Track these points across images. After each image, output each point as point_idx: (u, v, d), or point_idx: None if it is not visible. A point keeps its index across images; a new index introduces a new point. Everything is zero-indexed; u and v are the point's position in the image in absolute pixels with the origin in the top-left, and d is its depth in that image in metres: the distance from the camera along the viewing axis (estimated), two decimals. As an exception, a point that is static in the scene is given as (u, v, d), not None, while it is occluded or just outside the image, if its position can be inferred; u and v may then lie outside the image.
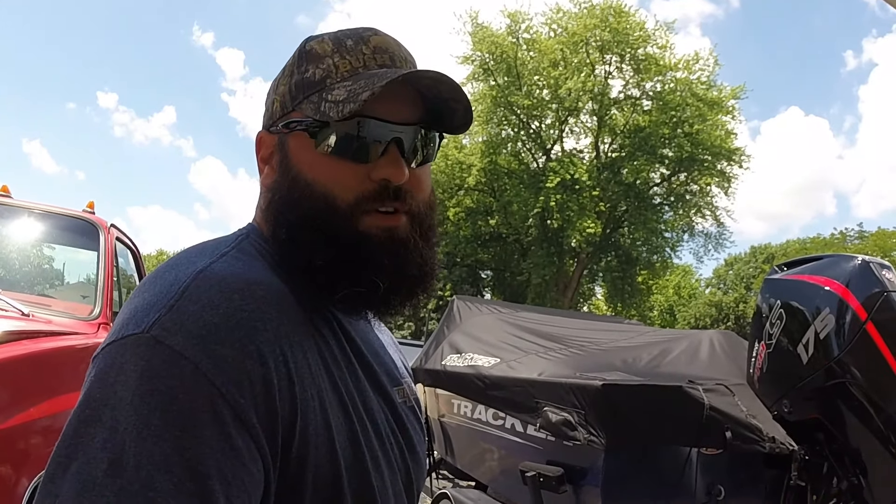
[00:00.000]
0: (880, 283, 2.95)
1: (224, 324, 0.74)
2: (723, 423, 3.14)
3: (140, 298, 0.79)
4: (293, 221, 0.89)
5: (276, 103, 0.96)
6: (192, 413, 0.68)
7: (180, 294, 0.76)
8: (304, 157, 0.90)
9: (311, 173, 0.89)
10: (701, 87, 27.19)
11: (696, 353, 4.13)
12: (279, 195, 0.91)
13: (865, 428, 2.97)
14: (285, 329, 0.79)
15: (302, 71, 0.93)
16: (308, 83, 0.91)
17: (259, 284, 0.81)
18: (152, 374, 0.69)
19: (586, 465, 3.67)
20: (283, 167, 0.92)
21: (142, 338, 0.72)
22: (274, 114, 0.96)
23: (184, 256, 0.86)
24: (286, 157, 0.92)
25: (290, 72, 0.95)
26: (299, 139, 0.91)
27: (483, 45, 27.96)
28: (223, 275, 0.80)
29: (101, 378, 0.71)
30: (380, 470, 0.87)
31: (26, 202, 4.17)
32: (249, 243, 0.91)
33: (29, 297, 3.67)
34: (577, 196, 26.09)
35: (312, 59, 0.92)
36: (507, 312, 5.74)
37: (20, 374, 2.48)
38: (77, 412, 0.70)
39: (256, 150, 0.97)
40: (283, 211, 0.90)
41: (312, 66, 0.92)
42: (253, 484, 0.71)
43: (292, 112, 0.92)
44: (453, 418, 5.01)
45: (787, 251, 44.30)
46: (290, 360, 0.78)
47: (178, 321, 0.73)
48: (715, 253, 30.72)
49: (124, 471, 0.64)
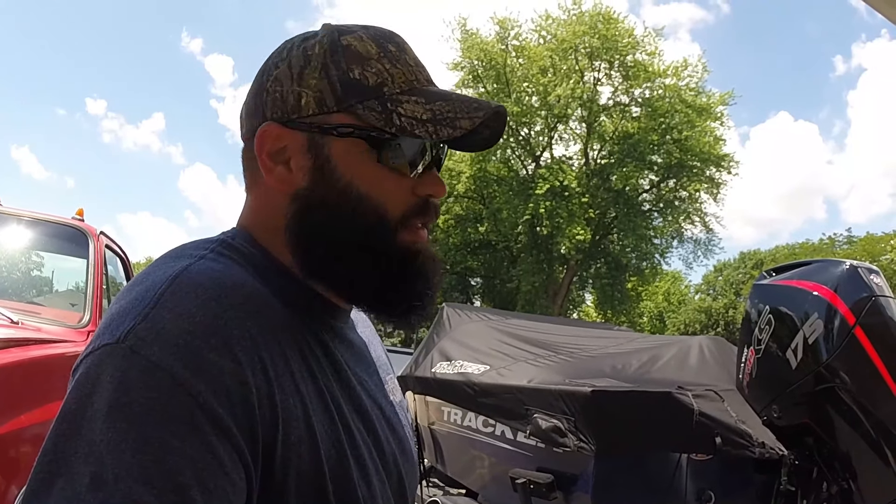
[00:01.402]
0: (868, 288, 2.96)
1: (201, 332, 0.72)
2: (713, 429, 3.15)
3: (117, 306, 0.77)
4: (340, 238, 0.86)
5: (303, 97, 0.86)
6: (170, 424, 0.67)
7: (156, 301, 0.74)
8: (358, 167, 0.86)
9: (365, 186, 0.86)
10: (690, 94, 27.31)
11: (686, 359, 4.14)
12: (320, 205, 0.86)
13: (855, 432, 2.98)
14: (265, 336, 0.77)
15: (343, 69, 0.86)
16: (360, 87, 0.85)
17: (238, 289, 0.79)
18: (128, 385, 0.68)
19: (576, 471, 3.67)
20: (326, 174, 0.86)
21: (117, 348, 0.70)
22: (300, 108, 0.87)
23: (161, 260, 0.84)
24: (329, 164, 0.86)
25: (321, 64, 0.87)
26: (351, 146, 0.85)
27: (472, 52, 28.04)
28: (199, 280, 0.77)
29: (78, 391, 0.70)
30: (367, 478, 0.85)
31: (15, 209, 4.15)
32: (230, 246, 0.88)
33: (18, 305, 3.66)
34: (566, 203, 26.14)
35: (355, 59, 0.86)
36: (496, 320, 5.74)
37: (9, 382, 2.47)
38: (56, 426, 0.69)
39: (260, 144, 0.88)
40: (325, 223, 0.86)
41: (358, 67, 0.86)
42: (235, 493, 0.70)
43: (337, 113, 0.86)
44: (443, 426, 5.00)
45: (776, 257, 44.45)
46: (270, 367, 0.76)
47: (154, 330, 0.71)
48: (704, 259, 30.97)
49: (105, 484, 0.63)
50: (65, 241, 4.24)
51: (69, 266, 4.57)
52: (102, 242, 4.11)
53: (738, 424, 3.17)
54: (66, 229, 4.14)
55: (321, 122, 0.86)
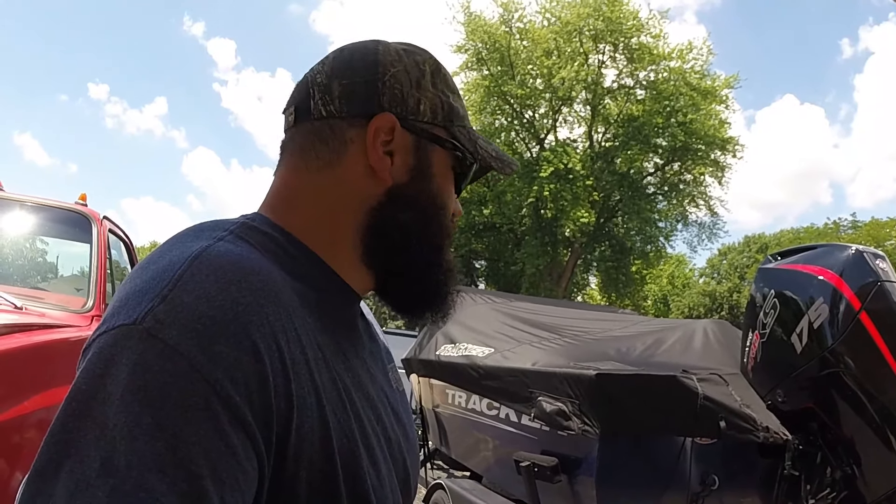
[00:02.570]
0: (874, 273, 2.95)
1: (220, 317, 0.70)
2: (717, 413, 3.15)
3: (132, 284, 0.75)
4: (418, 233, 0.94)
5: (422, 104, 0.93)
6: (185, 411, 0.66)
7: (175, 282, 0.72)
8: (445, 179, 0.97)
9: (442, 196, 0.96)
10: (694, 77, 27.16)
11: (690, 343, 4.14)
12: (412, 201, 0.94)
13: (859, 417, 2.98)
14: (282, 323, 0.76)
15: (444, 92, 0.97)
16: (456, 113, 0.97)
17: (257, 274, 0.77)
18: (145, 369, 0.66)
19: (580, 454, 3.68)
20: (426, 177, 0.95)
21: (134, 329, 0.69)
22: (418, 112, 0.93)
23: (178, 239, 0.82)
24: (429, 169, 0.95)
25: (432, 82, 0.96)
26: (445, 160, 0.96)
27: (476, 35, 27.88)
28: (220, 262, 0.76)
29: (90, 371, 0.68)
30: (377, 465, 0.85)
31: (18, 195, 4.15)
32: (250, 229, 0.87)
33: (22, 291, 3.66)
34: (570, 186, 26.07)
35: (449, 87, 0.98)
36: (501, 302, 5.75)
37: (14, 368, 2.47)
38: (65, 406, 0.67)
39: (375, 131, 0.91)
40: (413, 220, 0.94)
41: (452, 94, 0.98)
42: (247, 482, 0.69)
43: (441, 128, 0.95)
44: (447, 408, 5.02)
45: (780, 241, 44.49)
46: (287, 354, 0.75)
47: (173, 313, 0.69)
48: (709, 242, 30.77)
49: (116, 470, 0.62)
50: (68, 226, 4.23)
51: (74, 251, 4.56)
52: (106, 227, 4.11)
53: (743, 408, 3.17)
54: (70, 214, 4.13)
55: (431, 131, 0.94)
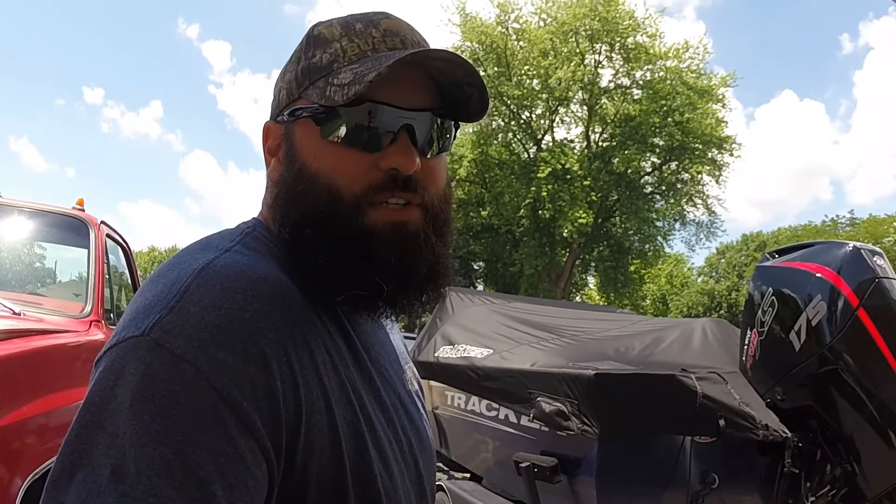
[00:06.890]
0: (872, 270, 2.95)
1: (226, 325, 0.72)
2: (716, 411, 3.15)
3: (142, 298, 0.77)
4: (296, 218, 0.85)
5: (282, 91, 0.92)
6: (193, 417, 0.67)
7: (181, 294, 0.74)
8: (309, 146, 0.86)
9: (316, 163, 0.85)
10: (691, 76, 27.16)
11: (689, 342, 4.15)
12: (284, 189, 0.88)
13: (858, 414, 2.98)
14: (290, 328, 0.77)
15: (309, 56, 0.89)
16: (314, 68, 0.88)
17: (263, 281, 0.78)
18: (153, 377, 0.68)
19: (580, 454, 3.68)
20: (289, 158, 0.88)
21: (142, 340, 0.70)
22: (280, 102, 0.92)
23: (186, 253, 0.83)
24: (291, 148, 0.88)
25: (297, 58, 0.91)
26: (305, 127, 0.87)
27: (472, 36, 27.87)
28: (226, 273, 0.77)
29: (102, 383, 0.70)
30: (389, 469, 0.85)
31: (15, 200, 4.15)
32: (254, 238, 0.88)
33: (20, 296, 3.66)
34: (568, 186, 26.05)
35: (320, 44, 0.89)
36: (499, 303, 5.75)
37: (12, 373, 2.47)
38: (79, 417, 0.69)
39: (263, 141, 0.94)
40: (287, 206, 0.87)
41: (320, 50, 0.88)
42: (256, 487, 0.70)
43: (298, 99, 0.89)
44: (447, 410, 5.02)
45: (778, 238, 44.49)
46: (295, 360, 0.76)
47: (179, 323, 0.71)
48: (707, 241, 30.79)
49: (126, 477, 0.63)
50: (66, 231, 4.23)
51: (72, 256, 4.56)
52: (103, 232, 4.11)
53: (742, 407, 3.17)
54: (67, 219, 4.14)
55: (290, 111, 0.90)
